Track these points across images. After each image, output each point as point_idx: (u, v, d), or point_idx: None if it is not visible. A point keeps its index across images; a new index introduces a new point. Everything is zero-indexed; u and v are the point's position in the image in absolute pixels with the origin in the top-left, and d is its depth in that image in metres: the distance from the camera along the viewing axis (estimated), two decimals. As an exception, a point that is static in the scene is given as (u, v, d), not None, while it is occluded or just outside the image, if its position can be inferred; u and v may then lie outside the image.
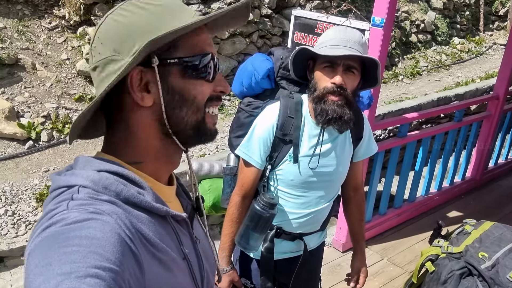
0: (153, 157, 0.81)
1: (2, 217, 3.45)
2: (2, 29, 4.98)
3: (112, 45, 0.74)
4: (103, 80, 0.75)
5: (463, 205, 4.36)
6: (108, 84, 0.73)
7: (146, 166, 0.81)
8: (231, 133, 1.89)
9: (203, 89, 0.80)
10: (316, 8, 6.76)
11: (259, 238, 1.68)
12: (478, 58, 9.00)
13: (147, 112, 0.78)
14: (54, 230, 0.62)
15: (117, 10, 0.77)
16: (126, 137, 0.80)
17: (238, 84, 1.84)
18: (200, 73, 0.79)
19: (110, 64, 0.75)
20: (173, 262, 0.77)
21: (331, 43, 1.57)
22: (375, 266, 3.39)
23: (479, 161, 4.65)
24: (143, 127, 0.79)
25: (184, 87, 0.78)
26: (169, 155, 0.83)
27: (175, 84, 0.78)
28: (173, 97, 0.78)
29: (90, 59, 0.80)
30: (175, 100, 0.78)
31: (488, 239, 2.07)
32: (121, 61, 0.73)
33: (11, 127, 4.24)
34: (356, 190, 1.94)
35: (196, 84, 0.79)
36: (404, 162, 3.89)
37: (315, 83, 1.60)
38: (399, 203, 4.01)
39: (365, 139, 1.82)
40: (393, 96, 6.72)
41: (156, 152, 0.81)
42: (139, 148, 0.80)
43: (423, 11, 8.76)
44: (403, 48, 8.17)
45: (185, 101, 0.79)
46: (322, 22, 3.33)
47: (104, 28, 0.77)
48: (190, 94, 0.79)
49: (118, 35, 0.75)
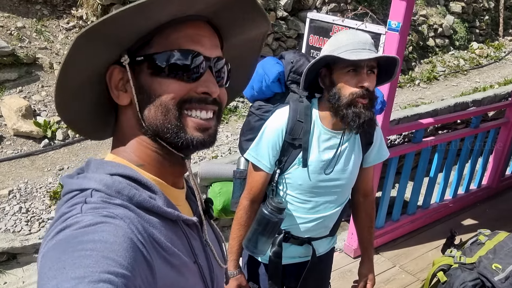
0: (153, 159, 0.80)
1: (16, 214, 3.50)
2: (21, 28, 5.06)
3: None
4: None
5: (479, 213, 4.27)
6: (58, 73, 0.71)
7: (150, 168, 0.80)
8: (242, 137, 1.89)
9: (173, 88, 0.74)
10: (332, 11, 6.72)
11: (267, 242, 1.67)
12: (497, 64, 8.84)
13: (128, 111, 0.78)
14: (68, 234, 0.63)
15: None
16: (122, 138, 0.80)
17: (249, 87, 1.83)
18: (171, 71, 0.74)
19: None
20: (184, 266, 0.77)
21: (350, 48, 1.54)
22: (386, 273, 3.34)
23: (496, 168, 4.56)
24: (130, 127, 0.79)
25: (151, 85, 0.75)
26: (168, 159, 0.80)
27: (144, 82, 0.75)
28: (143, 96, 0.75)
29: None
30: (144, 100, 0.75)
31: (503, 250, 2.02)
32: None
33: (28, 125, 4.30)
34: (366, 196, 1.91)
35: (164, 82, 0.74)
36: (419, 168, 3.84)
37: (339, 90, 1.55)
38: (413, 209, 3.95)
39: (376, 145, 1.79)
40: (409, 100, 6.64)
41: (153, 154, 0.79)
42: (135, 148, 0.79)
43: (441, 15, 8.64)
44: (420, 52, 8.07)
45: (151, 101, 0.75)
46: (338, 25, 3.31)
47: None
48: (156, 93, 0.74)
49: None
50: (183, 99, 0.75)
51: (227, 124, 5.23)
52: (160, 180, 0.81)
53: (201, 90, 0.76)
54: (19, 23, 5.10)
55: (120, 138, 0.81)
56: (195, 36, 0.76)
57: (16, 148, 4.23)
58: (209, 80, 0.77)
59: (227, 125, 5.22)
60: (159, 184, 0.80)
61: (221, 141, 4.82)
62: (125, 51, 0.74)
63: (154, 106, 0.75)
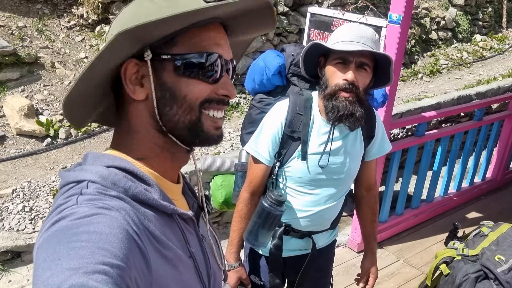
0: (155, 153, 0.80)
1: (20, 213, 3.51)
2: (22, 28, 5.07)
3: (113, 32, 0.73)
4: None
5: (483, 206, 4.25)
6: (88, 66, 0.71)
7: (150, 162, 0.80)
8: (243, 130, 1.90)
9: (198, 88, 0.77)
10: (333, 5, 6.69)
11: (267, 234, 1.67)
12: (501, 56, 8.78)
13: (141, 105, 0.78)
14: (63, 225, 0.63)
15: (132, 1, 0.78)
16: (128, 131, 0.80)
17: (250, 80, 1.84)
18: (197, 72, 0.76)
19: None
20: (179, 260, 0.77)
21: (344, 39, 1.54)
22: (391, 267, 3.34)
23: (500, 161, 4.53)
24: (140, 121, 0.79)
25: (176, 84, 0.76)
26: (172, 153, 0.82)
27: (167, 80, 0.76)
28: (165, 93, 0.76)
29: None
30: (166, 97, 0.76)
31: (506, 241, 2.01)
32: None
33: (30, 124, 4.32)
34: (369, 190, 1.91)
35: (190, 83, 0.76)
36: (422, 162, 3.82)
37: (326, 80, 1.57)
38: (417, 203, 3.93)
39: (377, 138, 1.78)
40: (412, 94, 6.61)
41: (157, 148, 0.80)
42: (140, 143, 0.80)
43: (443, 8, 8.59)
44: (422, 45, 8.02)
45: (175, 99, 0.76)
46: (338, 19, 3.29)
47: (117, 17, 0.78)
48: (181, 92, 0.76)
49: (120, 23, 0.75)
50: (205, 99, 0.78)
51: (230, 121, 5.23)
52: (157, 174, 0.81)
53: (222, 92, 0.79)
54: (20, 23, 5.11)
55: (124, 131, 0.80)
56: (217, 39, 0.79)
57: (19, 147, 4.24)
58: (228, 83, 0.81)
59: (230, 121, 5.21)
60: (156, 178, 0.80)
61: (224, 137, 4.81)
62: (147, 47, 0.74)
63: (177, 104, 0.76)
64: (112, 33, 0.74)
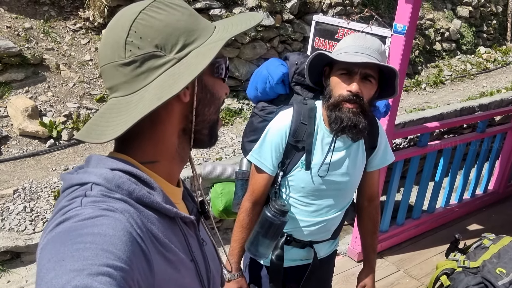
0: (170, 155, 0.82)
1: (20, 213, 3.51)
2: (28, 29, 5.10)
3: (153, 41, 0.74)
4: (139, 76, 0.75)
5: (485, 218, 4.24)
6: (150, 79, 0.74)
7: (160, 166, 0.81)
8: (244, 138, 1.88)
9: (224, 89, 0.85)
10: (338, 14, 6.72)
11: (269, 245, 1.66)
12: (505, 68, 8.79)
13: (177, 108, 0.79)
14: (68, 226, 0.63)
15: (149, 7, 0.76)
16: (145, 135, 0.79)
17: (253, 88, 1.82)
18: (223, 74, 0.84)
19: (151, 59, 0.74)
20: (181, 263, 0.77)
21: (349, 50, 1.54)
22: (390, 277, 3.32)
23: (503, 173, 4.52)
24: (170, 125, 0.80)
25: (214, 86, 0.83)
26: (182, 154, 0.84)
27: (207, 82, 0.81)
28: (206, 94, 0.81)
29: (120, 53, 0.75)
30: (207, 98, 0.81)
31: (507, 254, 2.00)
32: (164, 58, 0.74)
33: (34, 125, 4.33)
34: (370, 201, 1.89)
35: (222, 85, 0.85)
36: (424, 172, 3.81)
37: (331, 90, 1.57)
38: (418, 214, 3.92)
39: (380, 149, 1.77)
40: (415, 104, 6.61)
41: (173, 149, 0.82)
42: (158, 145, 0.80)
43: (448, 19, 8.61)
44: (426, 56, 8.04)
45: (215, 100, 0.83)
46: (343, 28, 3.30)
47: (141, 23, 0.74)
48: (217, 93, 0.83)
49: (160, 32, 0.75)
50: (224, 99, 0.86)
51: (232, 126, 5.23)
52: (161, 178, 0.81)
53: (227, 91, 0.88)
54: (26, 24, 5.14)
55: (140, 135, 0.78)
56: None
57: (22, 148, 4.25)
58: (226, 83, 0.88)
59: (232, 127, 5.22)
60: (159, 181, 0.80)
61: (226, 143, 4.82)
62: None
63: (214, 105, 0.83)
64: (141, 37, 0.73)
